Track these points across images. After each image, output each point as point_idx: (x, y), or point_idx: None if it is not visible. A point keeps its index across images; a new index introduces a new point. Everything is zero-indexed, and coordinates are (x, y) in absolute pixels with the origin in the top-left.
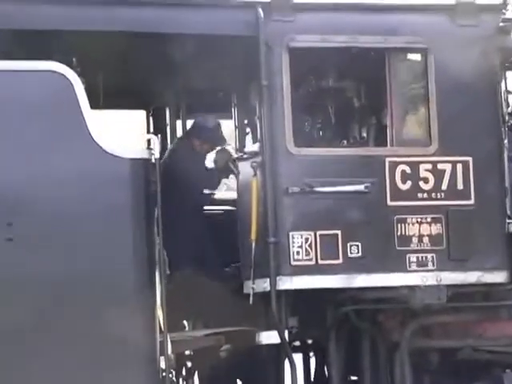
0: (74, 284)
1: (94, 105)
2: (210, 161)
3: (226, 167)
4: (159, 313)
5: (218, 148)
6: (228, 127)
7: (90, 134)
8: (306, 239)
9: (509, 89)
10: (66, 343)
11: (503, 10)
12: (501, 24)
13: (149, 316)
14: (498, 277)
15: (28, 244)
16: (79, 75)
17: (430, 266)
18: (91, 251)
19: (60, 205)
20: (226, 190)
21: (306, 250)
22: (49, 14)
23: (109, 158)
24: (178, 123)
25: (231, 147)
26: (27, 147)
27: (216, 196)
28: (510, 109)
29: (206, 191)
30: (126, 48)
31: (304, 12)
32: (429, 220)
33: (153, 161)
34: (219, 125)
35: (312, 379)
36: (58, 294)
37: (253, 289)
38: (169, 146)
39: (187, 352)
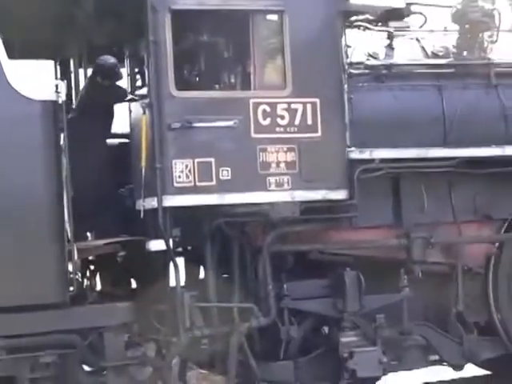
0: None
1: (11, 55)
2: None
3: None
4: (67, 226)
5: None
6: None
7: (7, 80)
8: (186, 165)
9: (348, 43)
10: None
11: None
12: None
13: (58, 229)
14: (340, 194)
15: None
16: None
17: (286, 186)
18: (11, 177)
19: None
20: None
21: (186, 174)
22: None
23: (24, 101)
24: (81, 71)
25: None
26: None
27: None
28: (348, 60)
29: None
30: (37, 9)
31: None
32: (285, 149)
33: (59, 102)
34: (116, 63)
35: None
36: None
37: (143, 206)
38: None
39: (90, 257)
